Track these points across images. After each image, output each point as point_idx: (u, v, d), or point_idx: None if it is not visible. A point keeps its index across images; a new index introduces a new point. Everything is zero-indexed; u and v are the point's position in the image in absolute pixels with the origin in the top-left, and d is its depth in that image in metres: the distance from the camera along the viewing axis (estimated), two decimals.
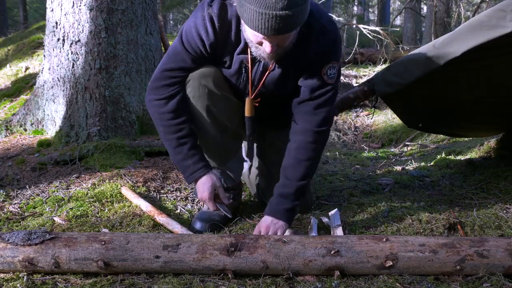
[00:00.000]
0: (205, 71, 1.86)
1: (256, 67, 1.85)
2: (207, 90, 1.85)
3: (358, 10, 18.83)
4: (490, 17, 1.92)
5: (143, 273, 1.57)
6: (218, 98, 1.87)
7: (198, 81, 1.84)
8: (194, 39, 1.79)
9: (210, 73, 1.86)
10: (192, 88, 1.86)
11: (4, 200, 2.29)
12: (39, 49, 5.70)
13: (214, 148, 1.97)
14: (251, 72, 1.86)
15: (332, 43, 1.82)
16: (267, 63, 1.83)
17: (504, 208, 2.13)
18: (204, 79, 1.85)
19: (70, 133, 3.07)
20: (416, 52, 2.33)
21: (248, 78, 1.87)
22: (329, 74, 1.84)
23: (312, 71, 1.84)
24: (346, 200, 2.34)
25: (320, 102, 1.86)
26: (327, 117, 1.89)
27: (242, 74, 1.87)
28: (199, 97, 1.86)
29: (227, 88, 1.92)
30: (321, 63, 1.82)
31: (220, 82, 1.89)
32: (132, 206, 2.16)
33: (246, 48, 1.80)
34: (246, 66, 1.85)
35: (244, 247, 1.55)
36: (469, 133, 3.41)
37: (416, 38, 12.88)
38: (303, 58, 1.81)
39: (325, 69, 1.83)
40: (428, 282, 1.52)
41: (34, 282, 1.53)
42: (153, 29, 3.37)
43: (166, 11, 13.34)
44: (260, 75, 1.87)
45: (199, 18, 1.77)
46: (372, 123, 5.66)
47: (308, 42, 1.78)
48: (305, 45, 1.78)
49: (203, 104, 1.87)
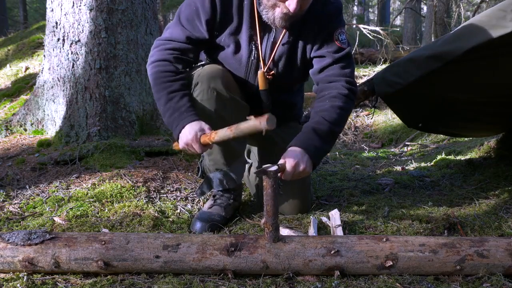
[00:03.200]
0: (214, 72, 1.87)
1: (265, 42, 1.87)
2: (216, 93, 1.85)
3: (358, 10, 18.84)
4: (490, 17, 1.92)
5: (143, 273, 1.57)
6: (226, 101, 1.87)
7: (207, 84, 1.84)
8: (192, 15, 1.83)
9: (218, 74, 1.87)
10: (200, 91, 1.86)
11: (4, 200, 2.29)
12: (39, 49, 5.70)
13: (219, 150, 1.97)
14: (261, 45, 1.86)
15: (336, 11, 1.89)
16: (276, 37, 1.85)
17: (504, 208, 2.13)
18: (213, 81, 1.85)
19: (70, 133, 3.07)
20: (416, 52, 2.33)
21: (258, 55, 1.89)
22: (341, 40, 1.89)
23: (324, 38, 1.88)
24: (346, 200, 2.34)
25: (343, 64, 1.90)
26: (353, 80, 1.91)
27: (252, 52, 1.88)
28: (207, 100, 1.86)
29: (236, 89, 1.92)
30: (330, 29, 1.88)
31: (229, 83, 1.89)
32: (132, 206, 2.17)
33: (253, 22, 1.81)
34: (255, 42, 1.86)
35: (244, 247, 1.55)
36: (469, 133, 3.41)
37: (416, 38, 12.88)
38: (307, 27, 1.86)
39: (336, 35, 1.87)
40: (428, 282, 1.52)
41: (34, 282, 1.53)
42: (153, 29, 3.37)
43: (166, 11, 13.33)
44: (271, 48, 1.89)
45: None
46: (372, 123, 5.66)
47: (312, 12, 1.83)
48: (310, 15, 1.83)
49: (212, 108, 1.86)
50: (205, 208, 2.09)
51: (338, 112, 1.81)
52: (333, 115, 1.80)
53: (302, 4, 1.69)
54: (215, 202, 2.08)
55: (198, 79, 1.86)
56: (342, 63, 1.90)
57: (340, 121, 1.84)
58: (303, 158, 1.69)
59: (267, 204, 1.52)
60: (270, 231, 1.55)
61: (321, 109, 1.82)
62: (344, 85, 1.87)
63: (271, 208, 1.52)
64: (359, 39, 8.04)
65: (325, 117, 1.79)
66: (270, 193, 1.51)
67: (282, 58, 1.92)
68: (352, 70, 1.93)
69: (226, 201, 2.08)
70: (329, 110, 1.81)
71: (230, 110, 1.89)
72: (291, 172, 1.67)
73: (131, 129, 3.12)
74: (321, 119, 1.79)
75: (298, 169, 1.67)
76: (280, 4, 1.70)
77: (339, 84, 1.88)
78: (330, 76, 1.90)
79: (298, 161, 1.68)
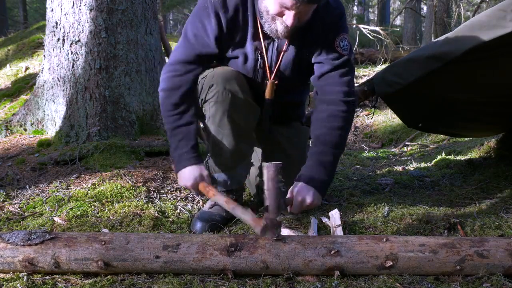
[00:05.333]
0: (228, 73, 1.88)
1: (270, 51, 1.87)
2: (231, 95, 1.85)
3: (358, 10, 18.85)
4: (490, 17, 1.92)
5: (143, 273, 1.57)
6: (240, 103, 1.88)
7: (223, 86, 1.84)
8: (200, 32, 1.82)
9: (232, 76, 1.87)
10: (215, 93, 1.86)
11: (4, 200, 2.28)
12: (39, 49, 5.70)
13: (228, 151, 1.96)
14: (266, 56, 1.87)
15: (338, 17, 1.88)
16: (280, 45, 1.86)
17: (504, 208, 2.13)
18: (228, 83, 1.85)
19: (70, 133, 3.07)
20: (416, 52, 2.33)
21: (264, 64, 1.89)
22: (342, 46, 1.88)
23: (325, 45, 1.88)
24: (346, 200, 2.34)
25: (342, 72, 1.88)
26: (352, 89, 1.89)
27: (258, 61, 1.89)
28: (222, 101, 1.86)
29: (248, 90, 1.93)
30: (332, 35, 1.87)
31: (243, 85, 1.90)
32: (132, 206, 2.17)
33: (257, 33, 1.82)
34: (260, 52, 1.86)
35: (244, 247, 1.55)
36: (469, 133, 3.41)
37: (416, 38, 12.88)
38: (311, 35, 1.86)
39: (338, 41, 1.87)
40: (428, 282, 1.52)
41: (34, 282, 1.53)
42: (153, 29, 3.37)
43: (166, 11, 13.33)
44: (276, 57, 1.90)
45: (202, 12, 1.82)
46: (372, 123, 5.66)
47: (317, 19, 1.83)
48: (315, 21, 1.83)
49: (224, 109, 1.86)
50: (205, 208, 2.09)
51: (339, 134, 1.83)
52: (333, 139, 1.82)
53: (299, 17, 1.68)
54: (215, 202, 2.08)
55: (213, 80, 1.86)
56: (341, 70, 1.88)
57: (342, 142, 1.86)
58: (309, 193, 1.74)
59: (268, 198, 1.53)
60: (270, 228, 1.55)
61: (320, 133, 1.84)
62: (342, 99, 1.86)
63: (272, 203, 1.53)
64: (359, 39, 8.04)
65: (326, 143, 1.82)
66: (270, 187, 1.51)
67: (288, 65, 1.92)
68: (351, 78, 1.91)
69: None
70: (330, 134, 1.83)
71: (243, 111, 1.90)
72: (298, 207, 1.74)
73: (131, 129, 3.12)
74: (324, 148, 1.81)
75: (305, 204, 1.74)
76: (279, 19, 1.70)
77: (337, 99, 1.86)
78: (329, 85, 1.89)
79: (305, 197, 1.73)
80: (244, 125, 1.93)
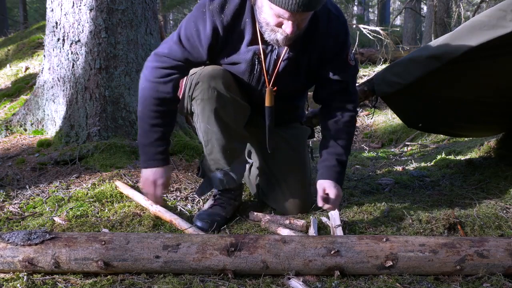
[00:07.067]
0: (215, 72, 1.87)
1: (269, 57, 1.87)
2: (216, 92, 1.85)
3: (358, 10, 18.85)
4: (490, 17, 1.92)
5: (143, 273, 1.57)
6: (226, 101, 1.87)
7: (208, 84, 1.84)
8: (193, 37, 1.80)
9: (219, 74, 1.87)
10: (201, 90, 1.85)
11: (4, 200, 2.28)
12: (39, 49, 5.70)
13: (219, 150, 1.96)
14: (264, 62, 1.87)
15: (343, 28, 1.92)
16: (279, 51, 1.85)
17: (504, 208, 2.13)
18: (213, 81, 1.85)
19: (70, 133, 3.07)
20: (416, 52, 2.33)
21: (261, 69, 1.89)
22: (350, 58, 1.97)
23: (339, 61, 1.95)
24: (346, 200, 2.34)
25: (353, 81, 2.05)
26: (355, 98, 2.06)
27: (255, 66, 1.88)
28: (208, 99, 1.85)
29: (236, 89, 1.92)
30: (345, 50, 1.93)
31: (229, 83, 1.89)
32: (132, 206, 2.17)
33: (255, 39, 1.81)
34: (258, 57, 1.86)
35: (244, 247, 1.55)
36: (469, 133, 3.41)
37: (416, 38, 12.89)
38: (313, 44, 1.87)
39: (344, 54, 1.94)
40: (428, 282, 1.52)
41: (34, 282, 1.53)
42: (153, 29, 3.37)
43: (166, 11, 13.34)
44: (274, 63, 1.89)
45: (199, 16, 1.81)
46: (372, 123, 5.67)
47: (316, 26, 1.83)
48: (316, 31, 1.84)
49: (211, 107, 1.86)
50: (205, 208, 2.09)
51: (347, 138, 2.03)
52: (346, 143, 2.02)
53: (299, 24, 1.68)
54: (215, 202, 2.08)
55: (199, 78, 1.86)
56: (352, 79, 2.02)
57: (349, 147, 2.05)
58: (339, 189, 1.95)
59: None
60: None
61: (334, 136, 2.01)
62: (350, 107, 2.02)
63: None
64: (359, 39, 8.04)
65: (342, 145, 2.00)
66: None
67: (286, 72, 1.92)
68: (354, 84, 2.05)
69: (226, 201, 2.08)
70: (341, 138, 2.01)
71: (230, 110, 1.89)
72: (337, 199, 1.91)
73: (131, 129, 3.12)
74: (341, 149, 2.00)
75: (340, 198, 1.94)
76: (279, 30, 1.70)
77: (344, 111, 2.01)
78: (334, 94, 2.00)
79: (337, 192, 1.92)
80: (232, 124, 1.93)
